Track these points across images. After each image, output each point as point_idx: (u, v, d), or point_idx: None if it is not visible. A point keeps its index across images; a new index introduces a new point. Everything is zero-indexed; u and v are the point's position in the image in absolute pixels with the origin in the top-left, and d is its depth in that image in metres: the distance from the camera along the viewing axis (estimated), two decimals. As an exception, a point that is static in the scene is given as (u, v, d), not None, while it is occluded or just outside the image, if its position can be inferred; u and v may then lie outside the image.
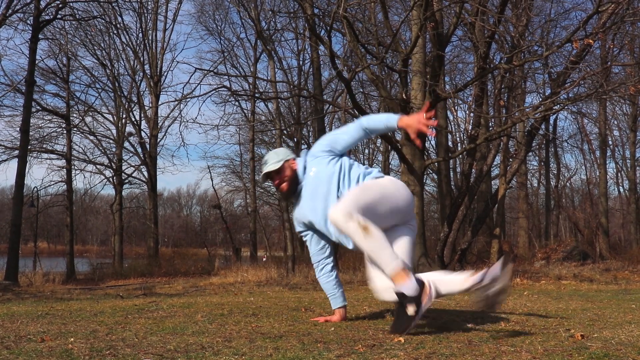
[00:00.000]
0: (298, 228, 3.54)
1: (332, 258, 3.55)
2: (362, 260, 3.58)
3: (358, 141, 3.43)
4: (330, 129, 24.74)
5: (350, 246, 3.22)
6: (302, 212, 3.41)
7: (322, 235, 3.47)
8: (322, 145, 3.37)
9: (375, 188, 3.15)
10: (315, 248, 3.53)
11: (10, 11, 15.31)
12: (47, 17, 16.47)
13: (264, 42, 21.56)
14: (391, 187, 3.20)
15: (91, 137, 23.63)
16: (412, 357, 2.37)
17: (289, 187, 3.38)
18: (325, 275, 3.55)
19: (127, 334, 2.94)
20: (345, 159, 3.34)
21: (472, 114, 12.75)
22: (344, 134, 3.37)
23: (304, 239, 3.56)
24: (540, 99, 13.76)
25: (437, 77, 10.98)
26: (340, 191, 3.23)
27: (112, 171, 23.86)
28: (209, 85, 38.64)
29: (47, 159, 23.27)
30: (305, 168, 3.38)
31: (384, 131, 3.35)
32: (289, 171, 3.37)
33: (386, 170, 25.31)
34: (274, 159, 3.39)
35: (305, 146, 24.71)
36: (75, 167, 23.69)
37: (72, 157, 23.15)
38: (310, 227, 3.47)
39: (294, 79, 24.11)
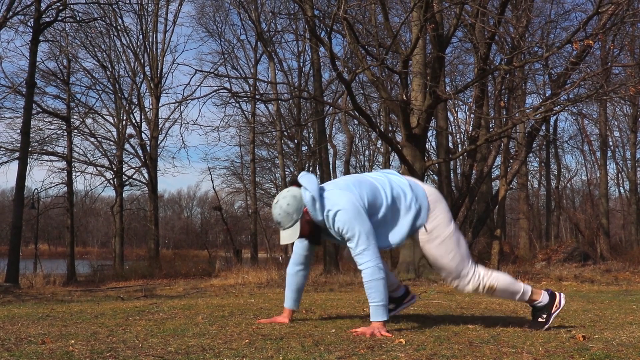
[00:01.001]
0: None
1: (308, 265, 3.52)
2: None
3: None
4: (331, 131, 24.78)
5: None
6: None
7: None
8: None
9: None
10: (301, 248, 3.48)
11: (10, 13, 15.32)
12: (47, 19, 16.48)
13: (264, 44, 21.59)
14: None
15: (92, 139, 23.61)
16: (413, 358, 2.37)
17: (313, 236, 3.30)
18: (298, 274, 3.48)
19: (127, 336, 2.94)
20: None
21: (472, 115, 12.76)
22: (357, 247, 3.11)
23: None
24: (541, 100, 13.76)
25: (438, 78, 10.99)
26: None
27: (112, 173, 23.85)
28: (209, 87, 38.66)
29: (47, 160, 23.28)
30: (320, 211, 3.18)
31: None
32: (307, 227, 3.20)
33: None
34: (287, 221, 3.17)
35: (306, 147, 24.71)
36: (76, 169, 23.68)
37: (73, 159, 23.14)
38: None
39: (294, 80, 24.11)
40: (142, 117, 22.81)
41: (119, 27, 21.82)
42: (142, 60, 22.38)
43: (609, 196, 26.21)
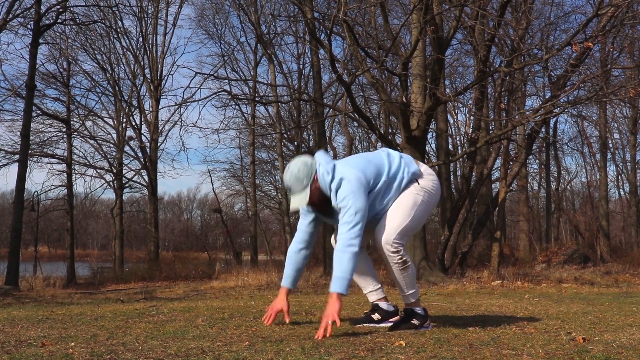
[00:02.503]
0: (302, 210, 3.43)
1: (311, 245, 3.50)
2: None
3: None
4: (331, 133, 24.77)
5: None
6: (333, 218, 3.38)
7: (319, 221, 3.47)
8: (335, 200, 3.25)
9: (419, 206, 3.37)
10: (306, 225, 3.46)
11: (10, 16, 15.33)
12: (47, 22, 16.49)
13: (264, 46, 21.60)
14: (431, 198, 3.44)
15: (91, 142, 23.61)
16: (413, 360, 2.37)
17: (321, 206, 3.32)
18: (300, 253, 3.46)
19: (127, 338, 2.94)
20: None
21: (472, 117, 12.76)
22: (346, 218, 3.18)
23: (301, 211, 3.47)
24: (541, 102, 13.77)
25: (437, 80, 11.00)
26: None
27: (112, 175, 23.86)
28: (209, 89, 38.73)
29: (47, 163, 23.27)
30: (329, 181, 3.25)
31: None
32: (316, 194, 3.26)
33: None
34: (298, 186, 3.24)
35: (305, 149, 24.69)
36: (76, 171, 23.68)
37: (73, 162, 23.14)
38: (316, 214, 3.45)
39: (294, 82, 24.13)
40: (142, 119, 22.82)
41: (118, 30, 21.85)
42: (142, 63, 22.40)
43: (609, 198, 26.22)
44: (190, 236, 53.61)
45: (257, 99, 19.04)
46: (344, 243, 3.13)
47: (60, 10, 16.53)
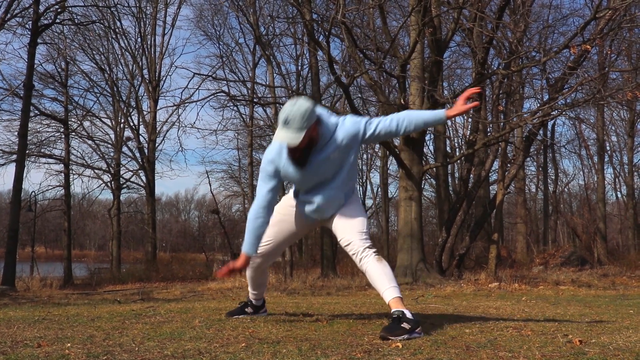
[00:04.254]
0: (268, 168, 3.36)
1: (269, 215, 3.43)
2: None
3: (389, 137, 3.50)
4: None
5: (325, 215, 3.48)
6: (298, 175, 3.33)
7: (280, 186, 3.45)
8: (354, 128, 3.31)
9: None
10: (267, 191, 3.39)
11: (9, 15, 15.31)
12: (45, 22, 16.47)
13: (262, 47, 21.59)
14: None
15: (89, 142, 23.58)
16: (410, 362, 2.36)
17: (301, 156, 3.27)
18: (257, 221, 3.38)
19: (124, 339, 2.94)
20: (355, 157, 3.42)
21: (470, 120, 12.77)
22: (381, 123, 3.37)
23: (262, 176, 3.41)
24: (538, 105, 13.78)
25: (436, 82, 11.01)
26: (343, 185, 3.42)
27: (110, 176, 23.82)
28: (207, 90, 38.54)
29: (45, 163, 23.23)
30: (328, 137, 3.26)
31: (425, 127, 3.56)
32: (306, 140, 3.18)
33: (384, 175, 25.33)
34: (297, 123, 3.10)
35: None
36: (73, 172, 23.64)
37: (70, 162, 23.10)
38: (280, 178, 3.38)
39: (292, 84, 24.11)
40: (140, 120, 22.82)
41: (117, 30, 21.86)
42: (140, 63, 22.39)
43: (606, 201, 26.26)
44: (188, 237, 53.58)
45: (255, 100, 19.04)
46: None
47: (59, 10, 16.52)
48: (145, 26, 22.59)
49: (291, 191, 3.64)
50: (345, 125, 3.30)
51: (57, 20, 17.07)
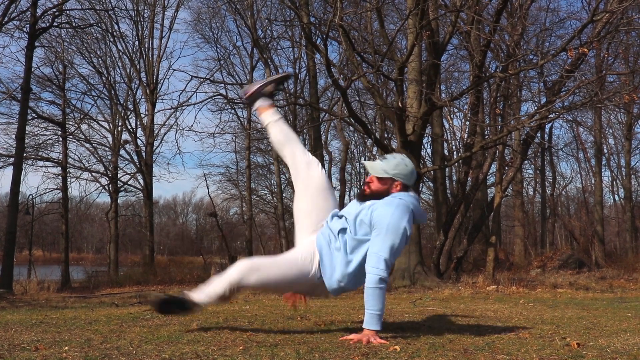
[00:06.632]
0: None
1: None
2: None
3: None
4: (326, 137, 24.79)
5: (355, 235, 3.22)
6: (344, 209, 3.40)
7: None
8: (375, 219, 3.17)
9: None
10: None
11: (6, 19, 15.29)
12: (43, 25, 16.44)
13: (260, 50, 21.58)
14: None
15: (87, 145, 23.50)
16: (408, 365, 2.36)
17: (367, 195, 3.30)
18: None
19: (122, 342, 2.93)
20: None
21: (467, 123, 12.78)
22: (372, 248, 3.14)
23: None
24: (536, 108, 13.82)
25: (433, 85, 11.02)
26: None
27: (107, 179, 23.77)
28: (205, 93, 38.65)
29: (42, 166, 23.15)
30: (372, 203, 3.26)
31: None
32: (379, 186, 3.28)
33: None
34: (387, 166, 3.28)
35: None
36: (71, 175, 23.58)
37: (68, 165, 23.04)
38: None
39: (290, 87, 24.13)
40: (138, 123, 22.79)
41: (115, 33, 21.82)
42: (137, 66, 22.37)
43: (604, 203, 26.28)
44: (186, 240, 53.54)
45: (253, 103, 19.01)
46: (377, 280, 3.07)
47: (57, 13, 16.50)
48: (143, 29, 22.58)
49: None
50: (378, 210, 3.17)
51: (55, 24, 17.05)
